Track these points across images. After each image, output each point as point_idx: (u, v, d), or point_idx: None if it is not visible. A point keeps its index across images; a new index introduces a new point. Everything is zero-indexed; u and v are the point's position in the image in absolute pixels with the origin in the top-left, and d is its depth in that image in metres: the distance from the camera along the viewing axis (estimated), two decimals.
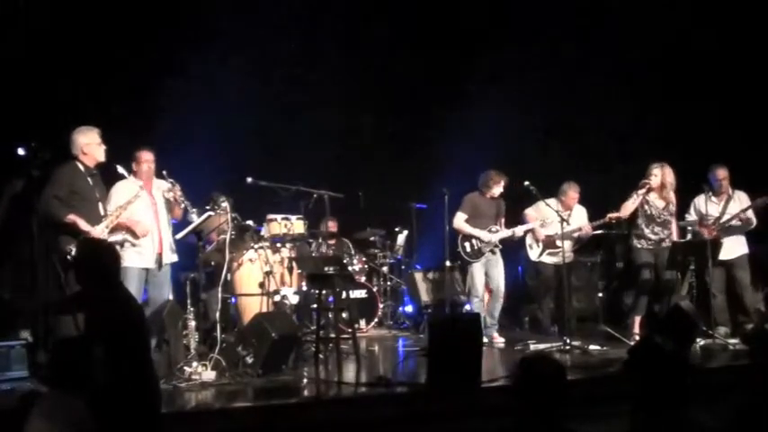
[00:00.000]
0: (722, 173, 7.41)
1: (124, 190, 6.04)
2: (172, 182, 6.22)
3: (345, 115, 9.07)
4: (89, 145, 5.83)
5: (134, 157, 6.20)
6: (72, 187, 5.70)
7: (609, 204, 7.56)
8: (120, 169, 6.03)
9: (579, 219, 7.64)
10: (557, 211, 7.23)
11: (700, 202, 7.49)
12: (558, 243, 7.26)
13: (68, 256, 5.49)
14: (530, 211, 7.76)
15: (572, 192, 7.70)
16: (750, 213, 7.36)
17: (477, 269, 7.51)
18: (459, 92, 9.27)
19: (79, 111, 6.44)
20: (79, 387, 3.31)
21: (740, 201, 7.40)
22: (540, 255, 7.80)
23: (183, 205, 6.22)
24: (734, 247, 7.39)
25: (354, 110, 9.15)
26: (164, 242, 6.24)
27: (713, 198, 7.47)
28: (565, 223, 7.21)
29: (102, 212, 5.84)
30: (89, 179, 5.82)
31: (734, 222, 7.34)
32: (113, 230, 5.82)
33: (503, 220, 7.66)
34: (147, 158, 6.22)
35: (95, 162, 5.89)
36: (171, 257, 6.30)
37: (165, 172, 6.22)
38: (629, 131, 8.99)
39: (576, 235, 7.58)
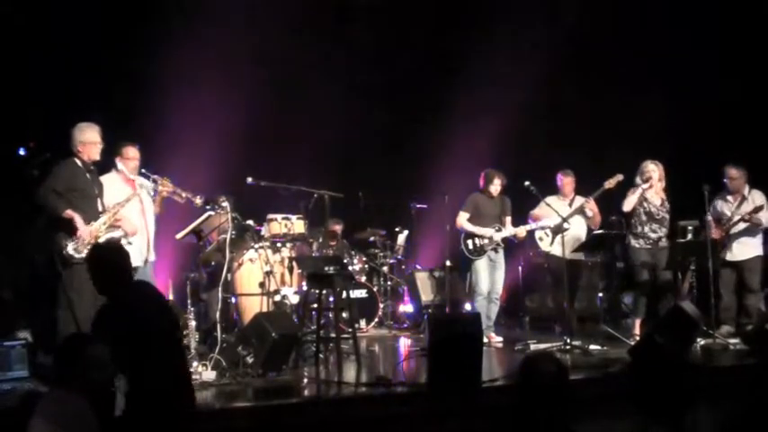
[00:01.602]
0: (733, 172, 7.34)
1: (109, 183, 6.05)
2: (156, 178, 6.22)
3: (345, 115, 9.06)
4: (84, 144, 5.81)
5: (120, 152, 6.17)
6: (71, 184, 5.69)
7: (609, 205, 7.57)
8: (120, 166, 6.03)
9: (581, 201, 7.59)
10: (557, 212, 7.22)
11: (717, 202, 7.46)
12: (565, 225, 7.20)
13: (64, 252, 5.51)
14: (534, 212, 7.72)
15: (566, 178, 7.67)
16: (763, 214, 7.24)
17: (482, 267, 7.50)
18: (458, 91, 9.27)
19: (79, 111, 6.42)
20: (82, 386, 3.31)
21: (753, 201, 7.32)
22: (552, 243, 7.55)
23: (184, 195, 6.23)
24: (746, 249, 7.34)
25: (354, 109, 9.14)
26: (150, 240, 6.25)
27: (728, 198, 7.44)
28: (567, 210, 7.24)
29: (100, 208, 5.85)
30: (87, 175, 5.82)
31: (740, 225, 7.29)
32: (110, 227, 5.82)
33: (508, 219, 7.64)
34: (134, 155, 6.21)
35: (91, 160, 5.88)
36: (152, 255, 6.30)
37: (144, 170, 6.22)
38: (631, 130, 8.99)
39: (587, 213, 7.50)
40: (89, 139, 5.83)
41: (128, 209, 6.04)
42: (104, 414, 3.52)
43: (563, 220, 7.12)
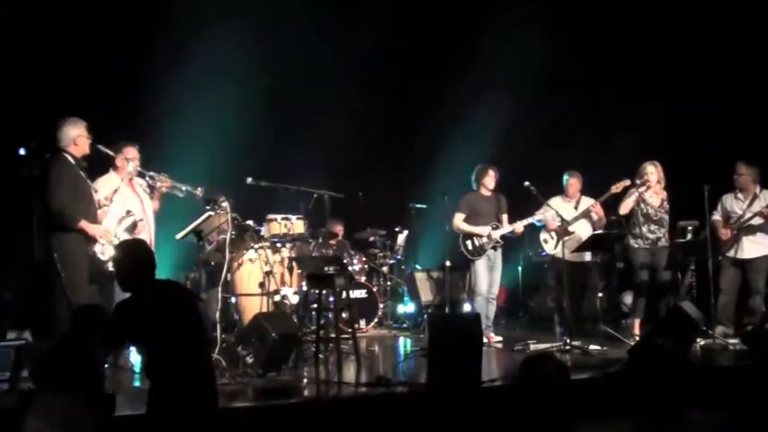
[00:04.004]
0: (742, 169, 7.35)
1: (108, 183, 6.10)
2: (152, 175, 6.25)
3: (345, 115, 9.07)
4: (80, 137, 5.85)
5: (120, 151, 6.21)
6: (74, 185, 5.73)
7: (608, 205, 7.56)
8: (103, 148, 6.03)
9: (588, 204, 7.59)
10: (558, 213, 7.22)
11: (726, 199, 7.47)
12: (571, 229, 7.20)
13: (94, 257, 5.67)
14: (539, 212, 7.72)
15: (572, 179, 7.65)
16: None
17: (481, 267, 7.50)
18: (457, 92, 9.27)
19: (78, 111, 6.43)
20: (75, 388, 3.31)
21: (765, 199, 7.29)
22: (556, 246, 7.58)
23: (184, 188, 6.25)
24: (756, 247, 7.31)
25: (354, 110, 9.14)
26: (152, 240, 6.30)
27: (739, 195, 7.43)
28: (572, 212, 7.30)
29: (97, 205, 5.88)
30: (81, 172, 5.86)
31: (754, 221, 7.26)
32: (131, 230, 5.88)
33: (505, 217, 7.62)
34: (134, 155, 6.26)
35: (83, 154, 5.90)
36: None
37: (139, 169, 6.28)
38: (631, 130, 8.99)
39: (593, 217, 7.49)
40: (83, 132, 5.88)
41: (131, 208, 6.07)
42: (102, 415, 3.52)
43: (563, 221, 7.13)
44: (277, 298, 6.77)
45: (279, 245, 7.06)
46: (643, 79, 9.14)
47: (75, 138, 5.83)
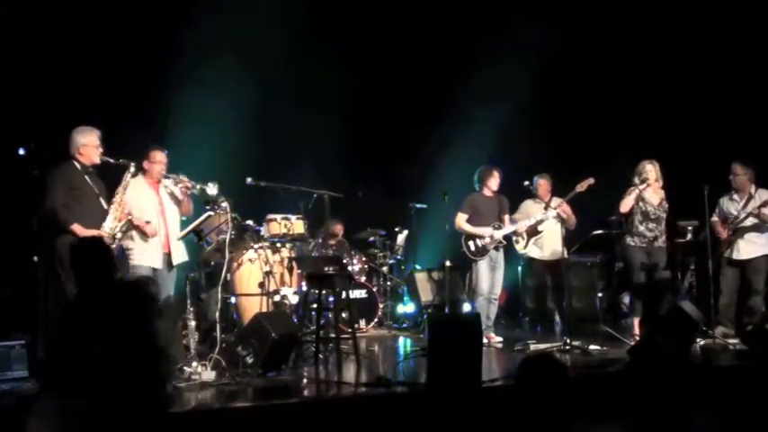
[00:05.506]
0: (737, 169, 7.35)
1: (134, 187, 6.11)
2: (174, 177, 6.26)
3: (345, 115, 9.07)
4: (86, 147, 5.87)
5: (147, 155, 6.22)
6: (70, 184, 5.75)
7: (608, 203, 7.57)
8: (105, 158, 6.01)
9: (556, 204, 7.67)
10: (558, 213, 7.25)
11: (723, 201, 7.49)
12: (540, 228, 7.29)
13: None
14: (516, 216, 7.79)
15: (542, 181, 7.80)
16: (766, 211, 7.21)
17: (483, 267, 7.51)
18: (457, 92, 9.27)
19: (80, 111, 6.43)
20: (78, 387, 3.31)
21: (759, 199, 7.28)
22: (526, 246, 7.80)
23: (198, 186, 6.26)
24: (753, 248, 7.30)
25: (354, 109, 9.15)
26: (171, 242, 6.27)
27: (735, 196, 7.44)
28: (543, 212, 7.42)
29: (104, 206, 5.89)
30: (86, 177, 5.86)
31: (747, 222, 7.27)
32: (126, 231, 5.86)
33: (507, 217, 7.65)
34: (161, 159, 6.26)
35: (91, 163, 5.92)
36: (182, 257, 6.33)
37: (164, 173, 6.27)
38: (631, 130, 8.99)
39: (559, 215, 7.50)
40: (90, 142, 5.89)
41: (147, 211, 6.07)
42: (111, 413, 3.51)
43: (560, 218, 7.17)
44: (277, 298, 6.78)
45: (279, 245, 7.07)
46: (642, 79, 9.14)
47: (80, 147, 5.86)
